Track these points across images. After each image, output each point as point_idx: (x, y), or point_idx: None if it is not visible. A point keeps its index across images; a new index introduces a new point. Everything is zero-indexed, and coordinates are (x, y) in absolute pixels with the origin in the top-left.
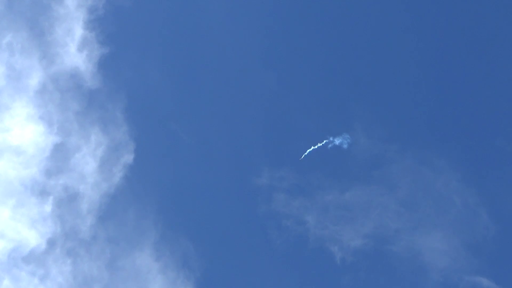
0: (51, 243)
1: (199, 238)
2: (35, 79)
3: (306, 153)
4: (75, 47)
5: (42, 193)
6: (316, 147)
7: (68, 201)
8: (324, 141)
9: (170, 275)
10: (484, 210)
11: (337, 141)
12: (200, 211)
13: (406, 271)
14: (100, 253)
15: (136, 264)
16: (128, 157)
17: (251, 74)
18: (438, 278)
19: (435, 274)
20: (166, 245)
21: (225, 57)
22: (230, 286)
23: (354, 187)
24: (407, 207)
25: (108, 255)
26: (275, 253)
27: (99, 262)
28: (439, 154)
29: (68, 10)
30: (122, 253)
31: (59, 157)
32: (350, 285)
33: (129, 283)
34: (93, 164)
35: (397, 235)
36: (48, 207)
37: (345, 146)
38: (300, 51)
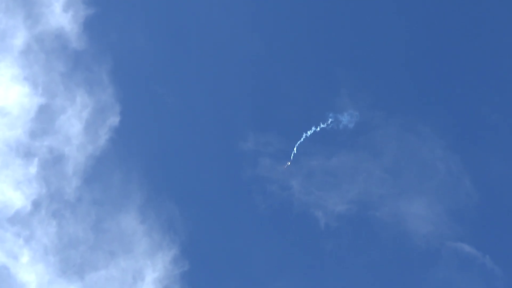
0: (36, 204)
1: (184, 202)
2: (19, 39)
3: (293, 152)
4: (60, 7)
5: (27, 154)
6: (302, 139)
7: (53, 162)
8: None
9: (155, 237)
10: (467, 177)
11: (326, 125)
12: (186, 175)
13: (389, 237)
14: (85, 215)
15: (121, 227)
16: (113, 120)
17: (238, 38)
18: (421, 244)
19: (418, 240)
20: (151, 208)
21: (213, 20)
22: (214, 249)
23: (340, 153)
24: (391, 174)
25: (93, 217)
26: (259, 218)
27: (84, 224)
28: (424, 121)
29: None
30: (107, 215)
31: (44, 119)
32: (334, 250)
33: (114, 245)
34: (79, 126)
35: (381, 201)
36: (33, 169)
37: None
38: (288, 15)
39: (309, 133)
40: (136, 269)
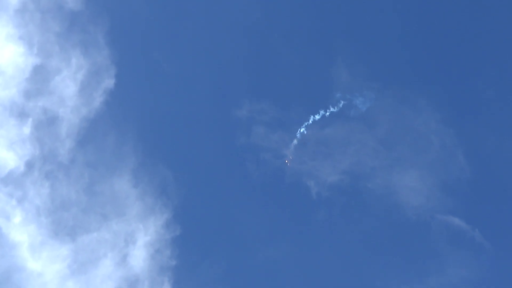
0: (30, 165)
1: (177, 167)
2: None
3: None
4: None
5: (21, 114)
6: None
7: (47, 124)
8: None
9: (148, 201)
10: (460, 151)
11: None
12: (180, 140)
13: (380, 208)
14: (79, 177)
15: (114, 190)
16: (109, 82)
17: (236, 3)
18: (412, 216)
19: (409, 212)
20: (145, 172)
21: None
22: (206, 215)
23: (333, 123)
24: (385, 145)
25: (87, 179)
26: (252, 185)
27: (77, 186)
28: (419, 94)
29: None
30: (100, 178)
31: (38, 79)
32: (325, 219)
33: (106, 208)
34: (73, 88)
35: (373, 172)
36: (27, 129)
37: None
38: None
39: (316, 117)
40: (128, 233)
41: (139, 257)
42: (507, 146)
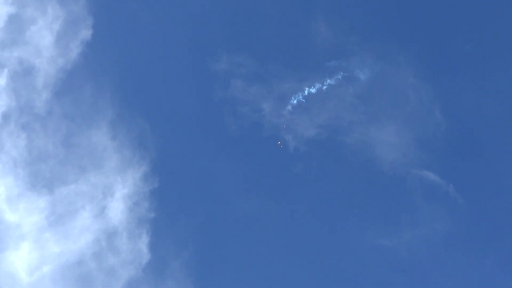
0: (6, 117)
1: (155, 119)
2: None
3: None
4: None
5: None
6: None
7: (23, 74)
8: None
9: (126, 154)
10: (437, 107)
11: (313, 89)
12: (158, 92)
13: (357, 162)
14: (56, 129)
15: (92, 142)
16: (86, 33)
17: None
18: (388, 171)
19: (385, 167)
20: (122, 124)
21: None
22: (184, 168)
23: (312, 77)
24: (362, 100)
25: (64, 131)
26: (230, 138)
27: (54, 138)
28: (398, 49)
29: None
30: (77, 130)
31: (14, 29)
32: (302, 173)
33: (84, 161)
34: (50, 38)
35: (351, 126)
36: (2, 80)
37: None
38: None
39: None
40: (106, 185)
41: (117, 209)
42: (482, 103)
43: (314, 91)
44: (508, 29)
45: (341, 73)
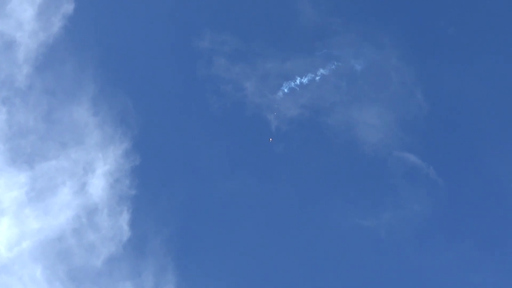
0: None
1: (137, 96)
2: None
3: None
4: None
5: None
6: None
7: (3, 48)
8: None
9: (108, 130)
10: (419, 89)
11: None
12: (140, 69)
13: (338, 143)
14: (37, 104)
15: (73, 118)
16: (68, 7)
17: None
18: (369, 152)
19: (367, 148)
20: (104, 101)
21: None
22: (166, 145)
23: (296, 57)
24: (345, 81)
25: (45, 106)
26: (211, 117)
27: (35, 113)
28: (382, 31)
29: None
30: (59, 105)
31: None
32: (284, 153)
33: (65, 136)
34: (31, 12)
35: (333, 107)
36: None
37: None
38: None
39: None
40: (87, 161)
41: (98, 186)
42: (465, 86)
43: (306, 81)
44: (491, 13)
45: (325, 53)
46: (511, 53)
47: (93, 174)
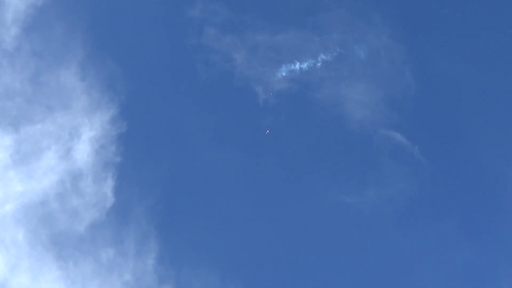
0: None
1: (126, 62)
2: None
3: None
4: None
5: None
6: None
7: None
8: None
9: (95, 96)
10: (408, 68)
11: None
12: (130, 35)
13: (325, 119)
14: (24, 66)
15: (60, 81)
16: None
17: None
18: (355, 129)
19: (353, 125)
20: (92, 65)
21: None
22: (153, 113)
23: (287, 30)
24: (335, 57)
25: (32, 69)
26: (199, 87)
27: (22, 75)
28: (374, 7)
29: None
30: (46, 68)
31: None
32: (271, 126)
33: (52, 100)
34: None
35: (322, 83)
36: None
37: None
38: None
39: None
40: (73, 126)
41: (84, 151)
42: (454, 68)
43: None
44: None
45: (316, 28)
46: (504, 36)
47: (78, 139)
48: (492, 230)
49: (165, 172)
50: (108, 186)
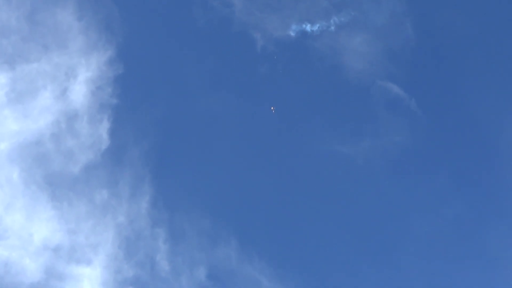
0: None
1: (124, 3)
2: None
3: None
4: None
5: None
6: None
7: None
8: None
9: (92, 36)
10: (409, 20)
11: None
12: None
13: (323, 68)
14: (20, 3)
15: (57, 20)
16: None
17: None
18: (353, 80)
19: (351, 75)
20: (89, 5)
21: None
22: (150, 56)
23: None
24: (335, 6)
25: (28, 6)
26: (197, 31)
27: (18, 12)
28: None
29: None
30: (43, 6)
31: None
32: (268, 74)
33: (48, 39)
34: None
35: (321, 32)
36: None
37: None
38: None
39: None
40: (70, 66)
41: (80, 92)
42: (455, 22)
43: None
44: None
45: None
46: None
47: (75, 79)
48: (484, 184)
49: (160, 116)
50: (104, 128)
